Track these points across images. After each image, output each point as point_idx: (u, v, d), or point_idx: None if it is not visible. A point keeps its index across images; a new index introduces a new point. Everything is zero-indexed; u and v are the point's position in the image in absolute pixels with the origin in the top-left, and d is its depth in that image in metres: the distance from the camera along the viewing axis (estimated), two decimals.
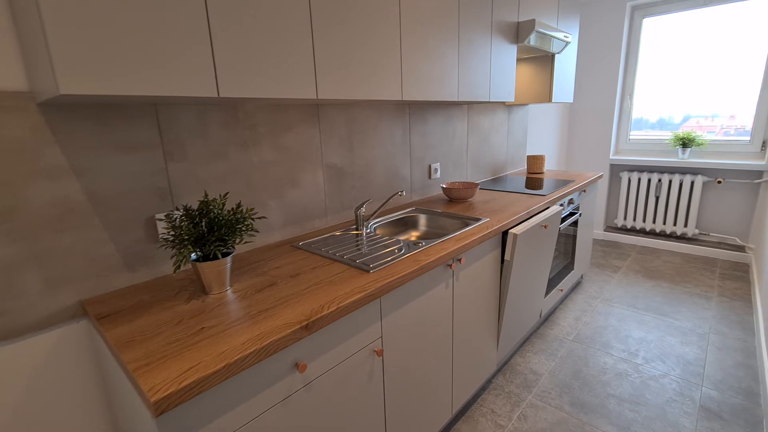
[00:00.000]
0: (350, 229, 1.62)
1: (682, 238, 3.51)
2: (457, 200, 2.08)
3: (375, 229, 1.75)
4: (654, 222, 3.58)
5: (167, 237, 1.19)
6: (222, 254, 1.06)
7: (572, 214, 2.43)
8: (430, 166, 2.22)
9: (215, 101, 1.12)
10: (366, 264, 1.21)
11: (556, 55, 2.53)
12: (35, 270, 0.98)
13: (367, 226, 1.68)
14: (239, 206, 1.09)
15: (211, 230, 1.03)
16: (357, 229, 1.61)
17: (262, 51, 1.02)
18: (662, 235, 3.61)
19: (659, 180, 3.47)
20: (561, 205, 2.23)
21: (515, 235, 1.62)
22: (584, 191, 2.61)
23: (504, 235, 1.71)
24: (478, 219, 1.70)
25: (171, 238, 1.00)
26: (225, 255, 1.05)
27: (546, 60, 2.57)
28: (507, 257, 1.68)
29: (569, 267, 2.60)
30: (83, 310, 1.05)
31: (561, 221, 2.20)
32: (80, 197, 1.02)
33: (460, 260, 1.45)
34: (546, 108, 3.48)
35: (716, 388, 1.81)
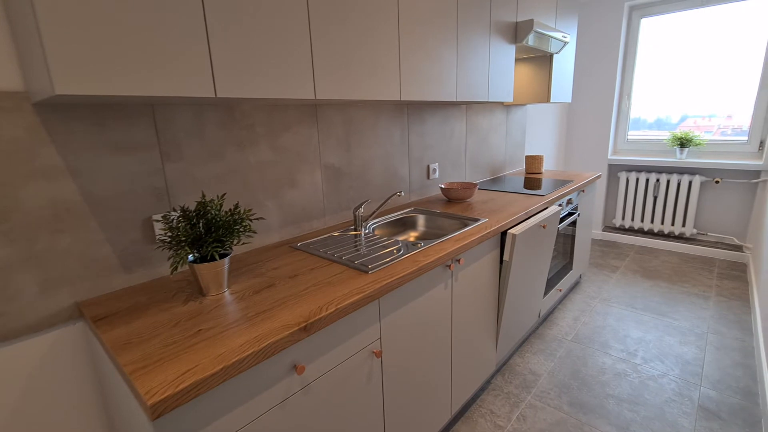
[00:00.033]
0: (349, 230, 1.61)
1: (680, 238, 3.52)
2: (456, 200, 2.07)
3: (373, 230, 1.75)
4: (652, 222, 3.59)
5: (164, 238, 1.18)
6: (219, 255, 1.05)
7: (571, 214, 2.43)
8: (429, 167, 2.22)
9: (212, 101, 1.11)
10: (365, 265, 1.21)
11: (555, 56, 2.53)
12: (31, 271, 0.97)
13: (366, 227, 1.67)
14: (237, 207, 1.08)
15: (209, 231, 1.02)
16: (355, 230, 1.60)
17: (260, 51, 1.01)
18: (660, 235, 3.61)
19: (657, 180, 3.48)
20: (559, 205, 2.23)
21: (514, 236, 1.62)
22: (583, 191, 2.61)
23: (503, 236, 1.71)
24: (477, 219, 1.69)
25: (168, 240, 1.00)
26: (222, 256, 1.05)
27: (544, 60, 2.57)
28: (506, 257, 1.68)
29: (568, 267, 2.60)
30: (80, 312, 1.05)
31: (559, 221, 2.20)
32: (76, 198, 1.02)
33: (459, 261, 1.45)
34: (544, 108, 3.48)
35: (715, 388, 1.81)
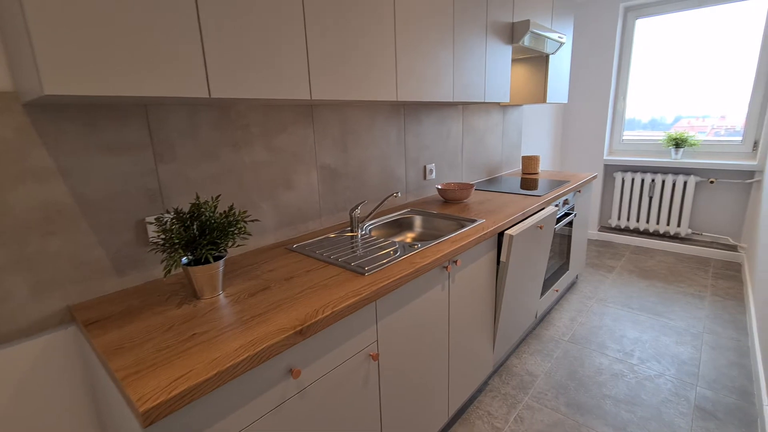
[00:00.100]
0: (345, 231, 1.60)
1: (676, 238, 3.54)
2: (453, 201, 2.07)
3: (370, 231, 1.74)
4: (647, 222, 3.60)
5: (157, 240, 1.16)
6: (214, 258, 1.03)
7: (567, 215, 2.43)
8: (425, 167, 2.21)
9: (206, 101, 1.10)
10: (361, 267, 1.20)
11: (551, 56, 2.54)
12: (22, 274, 0.95)
13: (362, 228, 1.66)
14: (231, 209, 1.07)
15: (203, 233, 1.01)
16: (352, 231, 1.59)
17: (255, 51, 1.00)
18: (656, 235, 3.63)
19: (652, 180, 3.49)
20: (556, 206, 2.23)
21: (511, 236, 1.61)
22: (579, 191, 2.61)
23: (500, 237, 1.70)
24: (474, 220, 1.69)
25: (161, 242, 0.98)
26: (217, 259, 1.03)
27: (540, 61, 2.57)
28: (503, 258, 1.67)
29: (564, 267, 2.60)
30: (71, 316, 1.03)
31: (556, 222, 2.20)
32: (68, 199, 1.00)
33: (456, 262, 1.44)
34: (540, 109, 3.48)
35: (711, 388, 1.82)
